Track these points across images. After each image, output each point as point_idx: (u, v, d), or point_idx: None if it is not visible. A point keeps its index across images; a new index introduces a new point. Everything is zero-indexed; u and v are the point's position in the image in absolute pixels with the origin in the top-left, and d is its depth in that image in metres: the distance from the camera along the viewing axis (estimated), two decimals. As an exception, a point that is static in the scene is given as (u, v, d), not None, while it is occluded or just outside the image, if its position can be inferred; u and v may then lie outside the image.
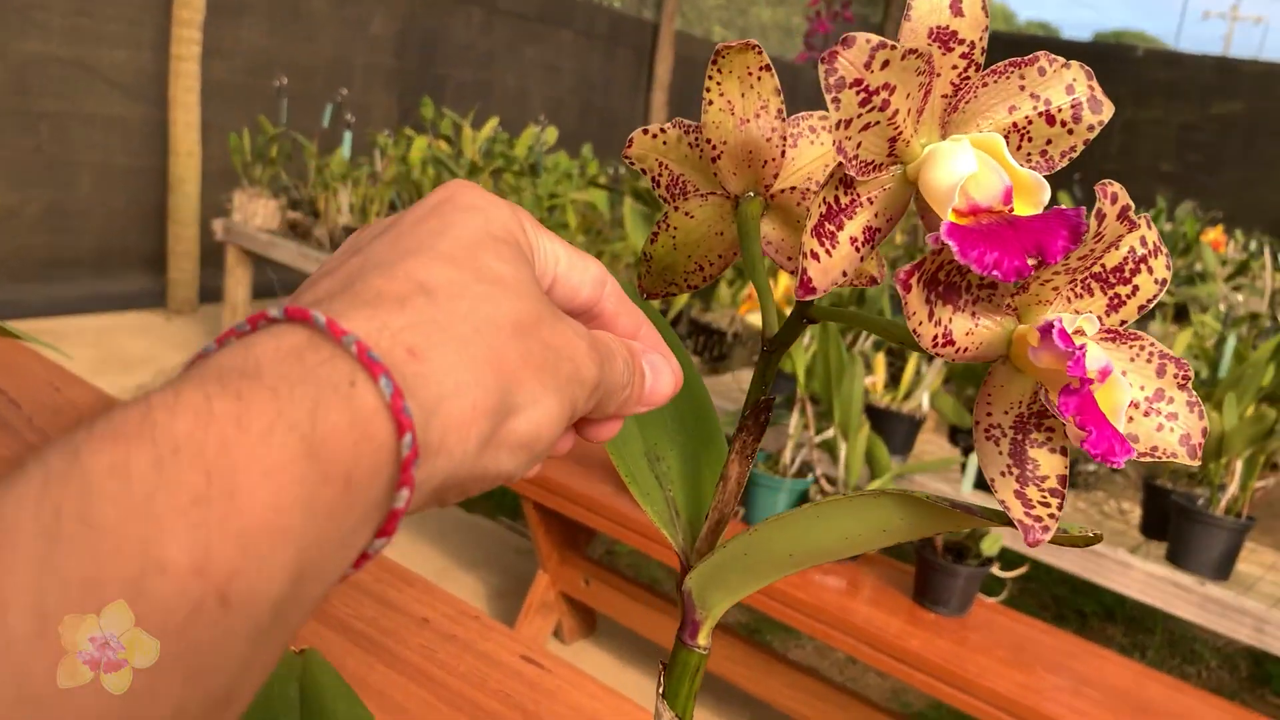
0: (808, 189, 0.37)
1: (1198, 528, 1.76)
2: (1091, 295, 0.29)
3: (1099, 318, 0.29)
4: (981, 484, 2.00)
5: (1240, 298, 2.96)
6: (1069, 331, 0.27)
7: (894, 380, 2.16)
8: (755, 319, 2.06)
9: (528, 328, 0.27)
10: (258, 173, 3.25)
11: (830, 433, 1.93)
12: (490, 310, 0.27)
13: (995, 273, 0.26)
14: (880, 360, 2.16)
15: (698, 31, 7.79)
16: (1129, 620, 2.65)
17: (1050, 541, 0.30)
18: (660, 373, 0.34)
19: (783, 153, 0.36)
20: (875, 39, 0.26)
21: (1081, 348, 0.26)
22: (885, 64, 0.26)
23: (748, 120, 0.36)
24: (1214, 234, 3.72)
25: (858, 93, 0.26)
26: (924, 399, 2.11)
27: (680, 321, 2.58)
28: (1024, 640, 1.70)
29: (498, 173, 3.27)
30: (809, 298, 0.29)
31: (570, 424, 0.29)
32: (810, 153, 0.37)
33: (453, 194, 0.30)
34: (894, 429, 2.08)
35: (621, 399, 0.32)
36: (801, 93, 7.15)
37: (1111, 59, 7.76)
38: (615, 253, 2.76)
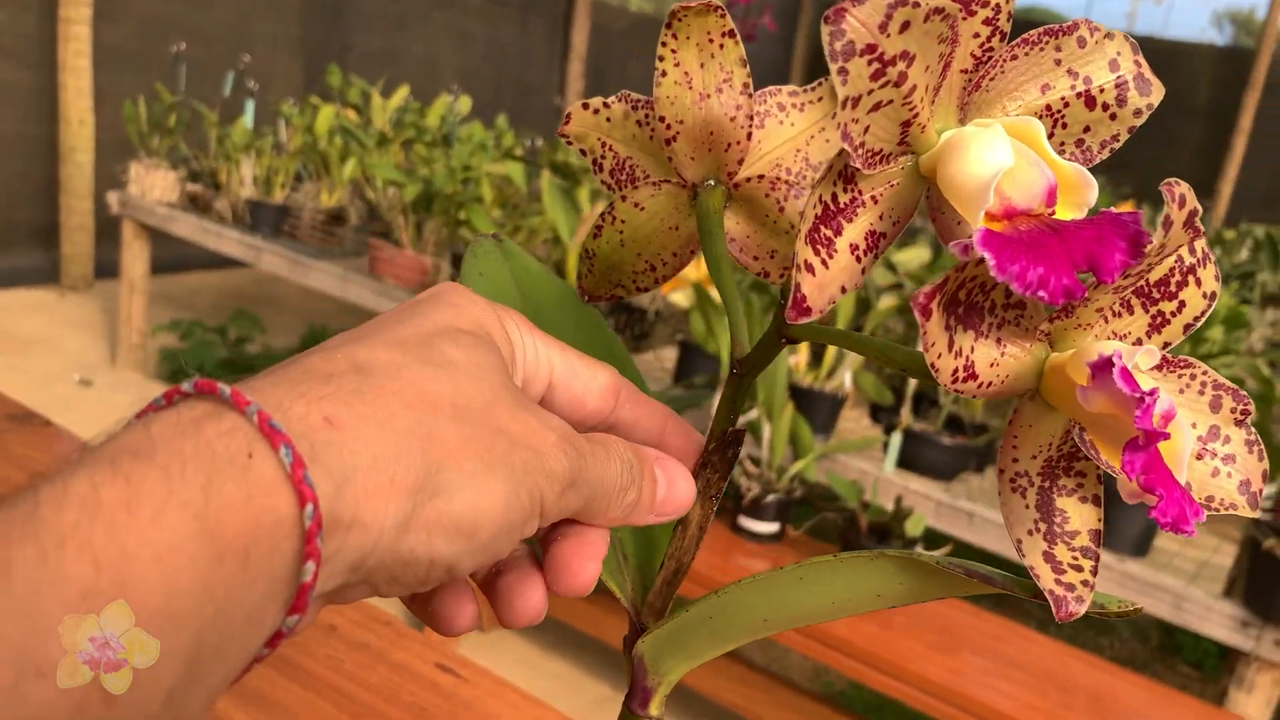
0: (777, 178, 0.31)
1: (1117, 505, 1.77)
2: (1131, 313, 0.24)
3: (1139, 340, 0.24)
4: (904, 463, 1.99)
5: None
6: (1129, 367, 0.21)
7: (816, 359, 2.14)
8: (679, 297, 2.01)
9: (474, 411, 0.26)
10: (155, 143, 3.09)
11: (754, 414, 1.89)
12: (430, 389, 0.25)
13: (1041, 293, 0.20)
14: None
15: (614, 0, 7.68)
16: (1044, 593, 2.69)
17: (1087, 613, 0.25)
18: (676, 481, 0.31)
19: (749, 134, 0.31)
20: (892, -7, 0.20)
21: (1152, 393, 0.21)
22: (904, 26, 0.21)
23: (708, 95, 0.30)
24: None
25: (870, 63, 0.21)
26: (846, 377, 2.09)
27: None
28: (949, 622, 1.70)
29: (409, 144, 3.16)
30: (804, 320, 0.24)
31: (535, 518, 0.27)
32: (779, 134, 0.32)
33: (435, 292, 0.29)
34: (817, 408, 2.06)
35: (625, 504, 0.29)
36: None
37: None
38: (532, 228, 2.68)
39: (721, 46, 0.30)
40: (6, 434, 1.15)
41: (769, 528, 1.84)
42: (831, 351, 2.11)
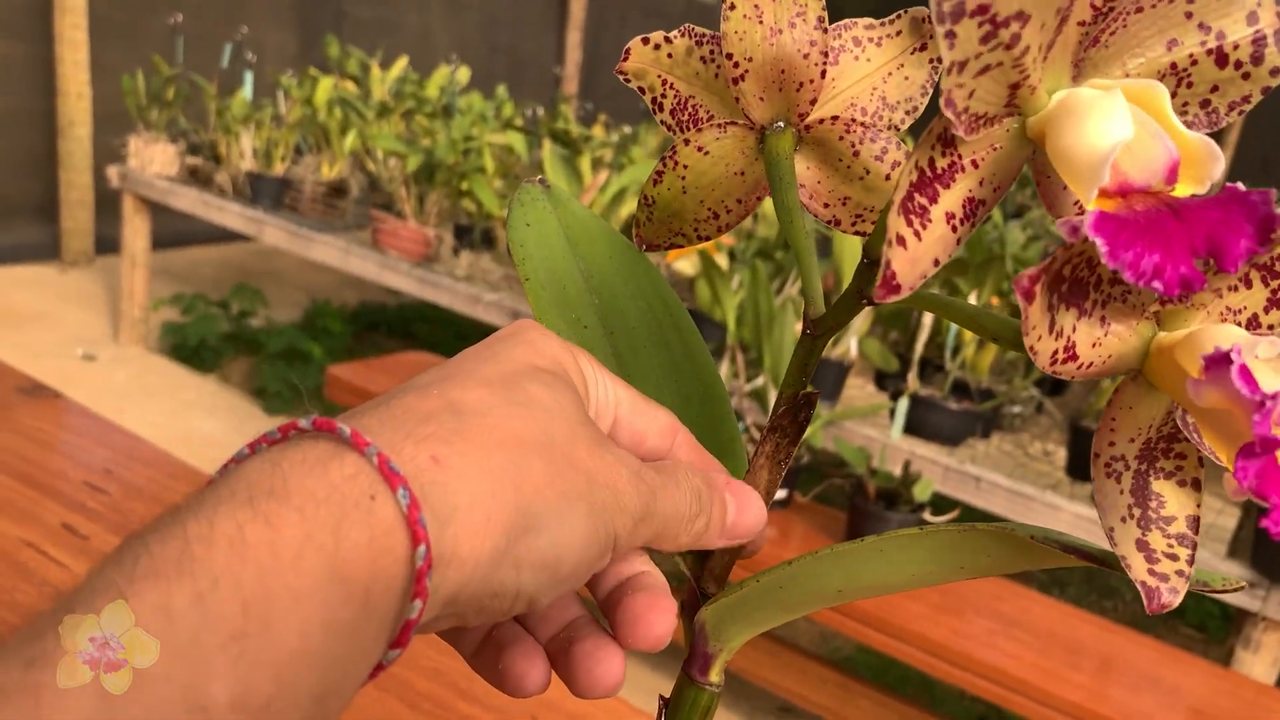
0: (852, 119, 0.30)
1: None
2: (1249, 287, 0.23)
3: (1255, 316, 0.23)
4: (910, 428, 2.00)
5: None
6: (1249, 363, 0.20)
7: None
8: (684, 265, 2.01)
9: (559, 449, 0.27)
10: (154, 116, 3.08)
11: (760, 381, 1.90)
12: (518, 428, 0.26)
13: (1155, 284, 0.19)
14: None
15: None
16: (1048, 557, 2.70)
17: (1190, 590, 0.24)
18: (747, 504, 0.31)
19: (823, 72, 0.29)
20: (1009, -53, 0.19)
21: (1275, 397, 0.20)
22: None
23: (780, 30, 0.29)
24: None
25: (980, 24, 0.20)
26: (852, 344, 2.09)
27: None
28: (952, 584, 1.71)
29: (409, 115, 3.14)
30: (893, 298, 0.23)
31: (609, 553, 0.28)
32: (855, 72, 0.30)
33: (514, 330, 0.30)
34: (823, 375, 2.06)
35: (695, 530, 0.30)
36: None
37: None
38: (535, 198, 2.68)
39: None
40: (17, 406, 1.15)
41: (777, 494, 1.85)
42: (836, 318, 2.11)
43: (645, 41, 0.31)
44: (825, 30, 0.30)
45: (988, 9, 0.20)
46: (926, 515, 1.73)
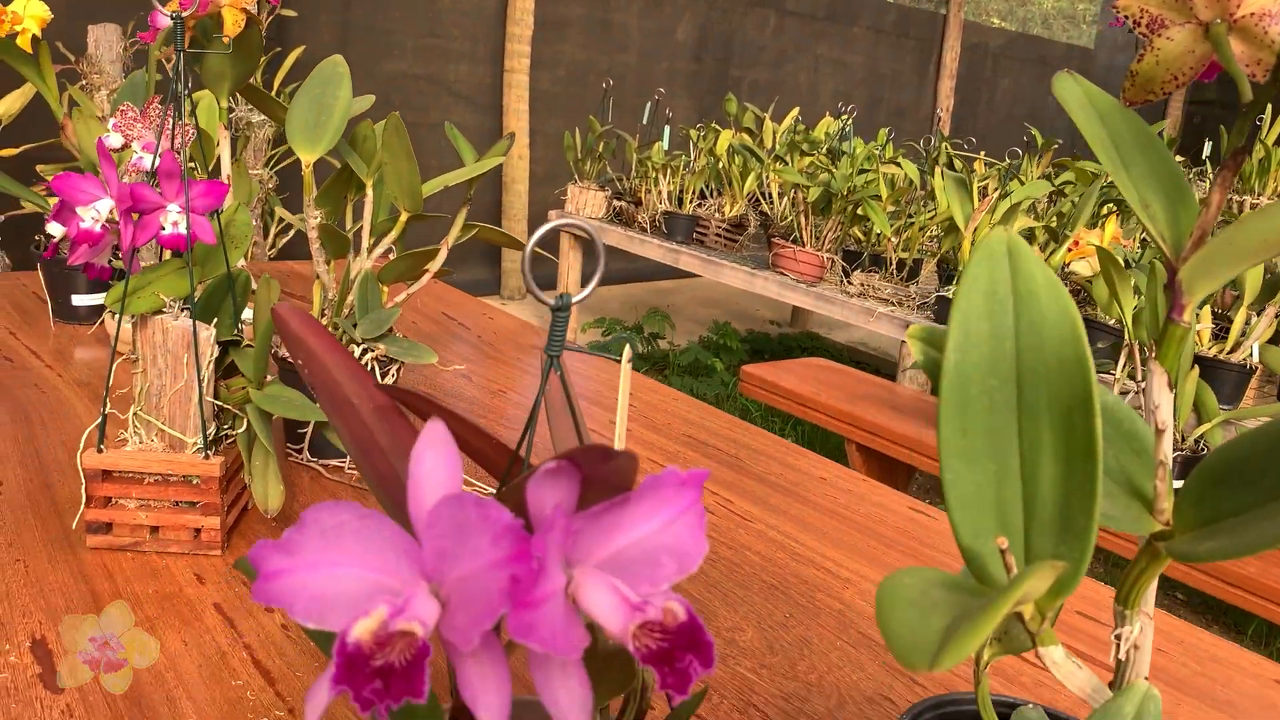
0: (1265, 12, 0.53)
1: None
2: None
3: None
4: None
5: None
6: None
7: (1221, 332, 2.18)
8: (1080, 267, 2.14)
9: None
10: (587, 167, 3.61)
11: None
12: None
13: None
14: (1206, 314, 2.19)
15: (981, 20, 7.69)
16: None
17: None
18: None
19: None
20: None
21: None
22: None
23: None
24: None
25: None
26: (1253, 349, 2.11)
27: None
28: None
29: (804, 154, 3.47)
30: None
31: None
32: None
33: None
34: (1222, 378, 2.10)
35: None
36: (1095, 75, 6.93)
37: None
38: (922, 224, 2.89)
39: None
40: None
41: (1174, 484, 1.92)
42: (1237, 324, 2.15)
43: None
44: None
45: None
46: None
